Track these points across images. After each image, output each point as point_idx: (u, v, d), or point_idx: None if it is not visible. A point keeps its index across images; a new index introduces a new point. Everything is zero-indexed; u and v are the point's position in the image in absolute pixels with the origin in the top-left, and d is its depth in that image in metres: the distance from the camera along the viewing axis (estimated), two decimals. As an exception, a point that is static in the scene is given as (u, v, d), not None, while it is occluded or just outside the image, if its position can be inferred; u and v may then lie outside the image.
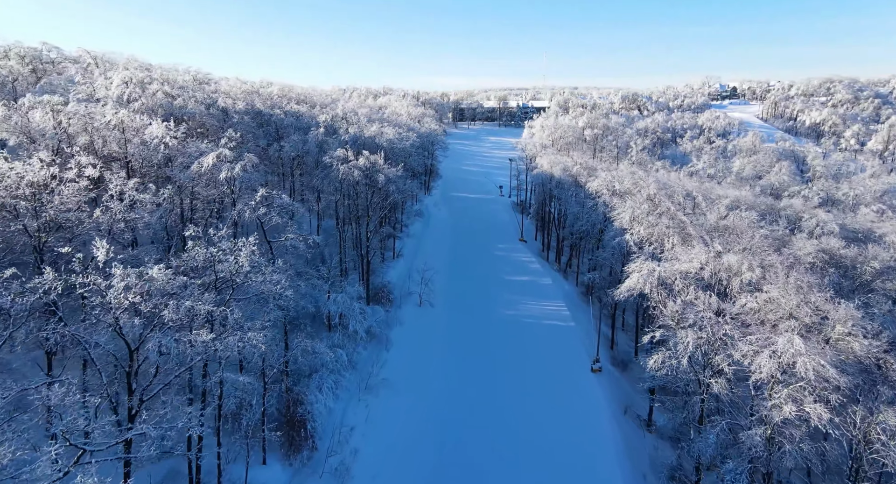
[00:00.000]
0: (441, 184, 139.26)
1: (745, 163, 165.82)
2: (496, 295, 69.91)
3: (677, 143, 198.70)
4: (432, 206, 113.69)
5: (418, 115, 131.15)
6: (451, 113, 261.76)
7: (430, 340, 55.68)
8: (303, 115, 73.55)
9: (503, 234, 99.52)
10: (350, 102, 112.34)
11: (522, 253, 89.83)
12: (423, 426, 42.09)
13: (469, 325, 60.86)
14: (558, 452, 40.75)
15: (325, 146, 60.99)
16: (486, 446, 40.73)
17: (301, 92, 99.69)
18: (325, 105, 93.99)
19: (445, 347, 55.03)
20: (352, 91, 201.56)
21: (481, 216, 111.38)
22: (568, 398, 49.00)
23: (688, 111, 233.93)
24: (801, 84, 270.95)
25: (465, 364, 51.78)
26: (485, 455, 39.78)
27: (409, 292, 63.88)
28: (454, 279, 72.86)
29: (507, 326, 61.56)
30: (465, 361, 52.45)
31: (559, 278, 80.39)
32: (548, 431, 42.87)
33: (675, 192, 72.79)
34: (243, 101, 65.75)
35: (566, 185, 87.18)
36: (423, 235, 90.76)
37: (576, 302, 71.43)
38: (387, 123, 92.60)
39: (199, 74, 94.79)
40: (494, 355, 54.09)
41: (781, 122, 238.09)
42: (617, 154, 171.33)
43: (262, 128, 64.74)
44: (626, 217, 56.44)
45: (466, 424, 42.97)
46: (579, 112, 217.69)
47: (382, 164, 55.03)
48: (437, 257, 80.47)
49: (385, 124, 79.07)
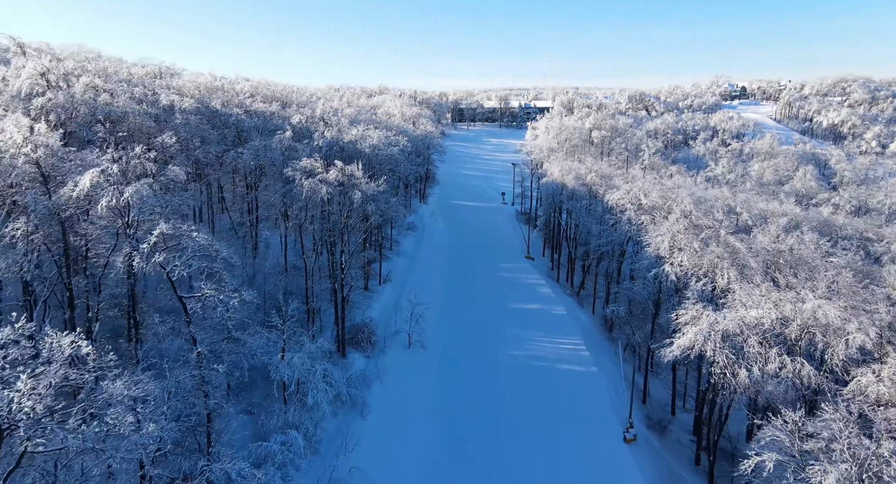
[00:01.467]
0: (438, 190, 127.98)
1: (765, 167, 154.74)
2: (501, 329, 58.68)
3: (689, 145, 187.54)
4: (428, 216, 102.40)
5: (413, 116, 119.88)
6: (449, 113, 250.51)
7: (419, 398, 44.33)
8: (272, 115, 62.32)
9: (507, 250, 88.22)
10: (336, 102, 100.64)
11: (530, 273, 78.56)
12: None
13: (468, 373, 49.58)
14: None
15: (292, 154, 49.95)
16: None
17: (278, 89, 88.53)
18: (304, 104, 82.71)
19: (438, 407, 43.68)
20: (345, 90, 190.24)
21: (483, 228, 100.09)
22: (596, 481, 37.83)
23: (698, 112, 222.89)
24: (815, 84, 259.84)
25: (463, 434, 40.46)
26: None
27: (395, 331, 52.59)
28: (451, 310, 61.60)
29: (515, 373, 50.28)
30: (462, 428, 41.14)
31: (573, 305, 69.10)
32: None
33: (713, 206, 61.60)
34: (194, 98, 54.30)
35: (580, 196, 75.92)
36: (416, 254, 79.42)
37: (595, 338, 60.12)
38: (374, 125, 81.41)
39: (166, 69, 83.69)
40: (499, 419, 42.75)
41: (796, 123, 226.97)
42: (627, 158, 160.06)
43: (218, 130, 53.57)
44: (665, 244, 45.14)
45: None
46: (585, 113, 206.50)
47: (360, 177, 43.90)
48: (432, 281, 69.21)
49: (372, 126, 68.00)
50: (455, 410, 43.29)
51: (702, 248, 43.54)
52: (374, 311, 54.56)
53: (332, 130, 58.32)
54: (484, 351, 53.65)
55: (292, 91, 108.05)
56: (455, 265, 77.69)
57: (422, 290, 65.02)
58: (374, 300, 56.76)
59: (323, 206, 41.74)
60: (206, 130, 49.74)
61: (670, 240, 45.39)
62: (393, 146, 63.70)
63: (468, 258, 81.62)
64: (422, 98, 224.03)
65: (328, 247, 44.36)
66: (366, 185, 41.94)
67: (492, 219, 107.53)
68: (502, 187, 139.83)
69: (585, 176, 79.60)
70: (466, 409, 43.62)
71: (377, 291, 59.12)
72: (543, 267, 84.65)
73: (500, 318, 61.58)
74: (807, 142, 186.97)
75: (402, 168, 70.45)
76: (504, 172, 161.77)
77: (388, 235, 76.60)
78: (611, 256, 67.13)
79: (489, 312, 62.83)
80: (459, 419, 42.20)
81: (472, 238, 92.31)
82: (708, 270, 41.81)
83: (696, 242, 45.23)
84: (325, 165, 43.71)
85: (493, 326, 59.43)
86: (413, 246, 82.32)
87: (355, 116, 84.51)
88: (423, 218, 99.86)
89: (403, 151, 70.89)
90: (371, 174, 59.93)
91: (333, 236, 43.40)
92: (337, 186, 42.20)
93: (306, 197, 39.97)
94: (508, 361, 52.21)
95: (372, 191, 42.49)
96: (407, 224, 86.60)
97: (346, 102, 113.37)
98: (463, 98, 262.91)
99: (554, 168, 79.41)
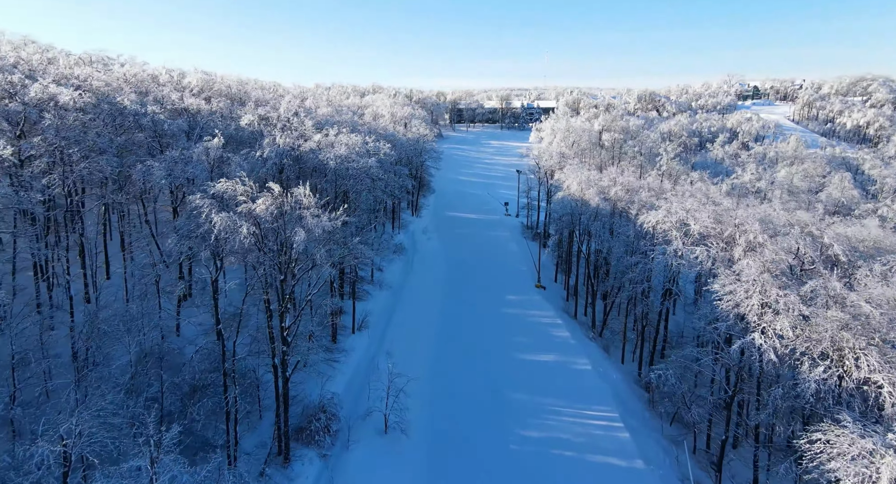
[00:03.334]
0: (433, 201, 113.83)
1: (793, 173, 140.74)
2: (509, 396, 44.68)
3: (707, 148, 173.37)
4: (420, 233, 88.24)
5: (405, 117, 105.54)
6: (448, 114, 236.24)
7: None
8: (214, 114, 48.06)
9: (514, 277, 74.16)
10: (311, 100, 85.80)
11: (542, 309, 64.45)
12: None
13: (466, 470, 35.63)
14: None
15: (225, 168, 35.95)
16: None
17: (250, 86, 73.96)
18: (266, 102, 68.30)
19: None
20: (335, 88, 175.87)
21: (484, 248, 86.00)
22: None
23: (713, 112, 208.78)
24: (833, 83, 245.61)
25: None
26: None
27: (367, 412, 38.43)
28: (445, 370, 47.51)
29: (530, 472, 36.29)
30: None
31: (598, 355, 55.06)
32: None
33: (785, 231, 47.52)
34: (89, 91, 40.14)
35: (603, 215, 61.85)
36: (403, 285, 65.19)
37: (632, 406, 45.94)
38: (355, 128, 67.28)
39: (105, 59, 69.52)
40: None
41: (816, 124, 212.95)
42: (641, 163, 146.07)
43: (126, 134, 39.46)
44: (752, 301, 31.04)
45: None
46: (592, 113, 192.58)
47: (310, 204, 29.88)
48: (422, 325, 55.16)
49: (346, 130, 53.80)
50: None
51: (813, 312, 29.43)
52: (339, 381, 40.36)
53: (289, 136, 44.15)
54: (488, 433, 39.62)
55: (260, 87, 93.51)
56: (451, 300, 63.57)
57: (407, 340, 51.08)
58: (342, 363, 42.57)
59: (246, 252, 27.85)
60: (100, 136, 35.63)
61: (760, 294, 31.23)
62: (370, 156, 49.49)
63: (467, 289, 67.52)
64: (418, 98, 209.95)
65: (265, 305, 30.30)
66: (314, 220, 27.89)
67: (495, 235, 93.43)
68: (505, 196, 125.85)
69: (608, 189, 65.57)
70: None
71: (346, 348, 44.95)
72: (557, 298, 70.57)
73: (508, 377, 47.57)
74: (834, 145, 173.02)
75: (385, 183, 56.25)
76: (506, 178, 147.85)
77: (371, 261, 62.55)
78: (644, 295, 52.98)
79: (493, 367, 48.82)
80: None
81: (473, 261, 78.20)
82: (829, 348, 27.66)
83: (795, 295, 31.14)
84: (258, 188, 29.67)
85: (499, 389, 45.42)
86: (400, 274, 68.12)
87: (331, 117, 70.10)
88: (414, 236, 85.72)
89: (384, 162, 56.60)
90: (341, 195, 45.76)
91: (268, 293, 29.33)
92: (273, 221, 28.20)
93: (218, 236, 26.03)
94: (520, 451, 38.16)
95: (324, 226, 28.44)
96: (394, 245, 72.47)
97: (326, 101, 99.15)
98: (462, 98, 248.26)
99: (570, 180, 65.32)
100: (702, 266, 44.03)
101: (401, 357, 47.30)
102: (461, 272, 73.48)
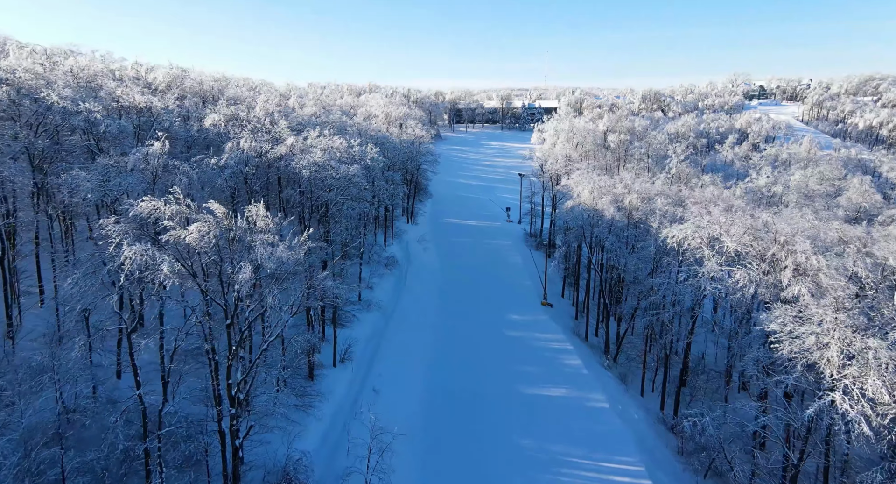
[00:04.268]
0: (430, 206, 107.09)
1: (808, 176, 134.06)
2: (516, 442, 38.06)
3: (716, 149, 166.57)
4: (415, 243, 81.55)
5: (400, 117, 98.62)
6: (446, 114, 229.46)
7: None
8: (167, 112, 41.21)
9: (518, 293, 67.53)
10: (293, 99, 78.28)
11: (549, 331, 57.82)
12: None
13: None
14: None
15: (170, 180, 29.31)
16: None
17: (208, 81, 66.63)
18: (240, 100, 61.24)
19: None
20: (331, 87, 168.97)
21: (485, 259, 79.35)
22: None
23: (720, 112, 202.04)
24: (842, 82, 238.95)
25: None
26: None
27: (346, 472, 31.74)
28: (438, 414, 40.77)
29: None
30: None
31: (616, 389, 48.42)
32: None
33: (837, 249, 40.90)
34: (13, 83, 33.22)
35: (618, 227, 55.24)
36: (395, 305, 58.49)
37: (662, 460, 39.18)
38: (342, 130, 60.48)
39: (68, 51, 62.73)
40: None
41: (826, 125, 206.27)
42: (648, 165, 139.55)
43: (53, 137, 32.62)
44: (832, 352, 24.41)
45: None
46: (596, 114, 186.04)
47: (267, 226, 23.26)
48: (414, 354, 48.44)
49: (328, 132, 47.06)
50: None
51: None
52: (312, 434, 33.54)
53: (258, 140, 37.35)
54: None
55: (240, 85, 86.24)
56: (448, 321, 56.97)
57: (397, 373, 44.45)
58: (318, 409, 35.78)
59: (167, 296, 21.12)
60: (17, 139, 28.97)
61: (839, 342, 24.56)
62: (355, 162, 42.56)
63: (466, 308, 60.91)
64: (416, 97, 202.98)
65: (207, 356, 23.66)
66: (265, 250, 21.15)
67: (496, 245, 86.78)
68: (506, 200, 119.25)
69: (623, 198, 58.93)
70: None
71: (323, 390, 38.16)
72: (565, 317, 63.97)
73: (514, 418, 40.95)
74: (849, 147, 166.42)
75: (373, 192, 49.38)
76: (507, 181, 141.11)
77: (360, 275, 55.87)
78: (668, 323, 46.31)
79: (496, 407, 42.19)
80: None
81: (472, 275, 71.53)
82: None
83: (876, 341, 24.46)
84: (198, 208, 23.01)
85: (504, 435, 38.79)
86: (392, 291, 61.41)
87: (316, 117, 63.14)
88: (409, 246, 78.98)
89: (373, 169, 49.61)
90: (320, 209, 39.08)
91: (210, 341, 22.67)
92: (212, 255, 21.55)
93: (131, 278, 19.35)
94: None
95: (281, 258, 21.77)
96: (385, 259, 65.76)
97: (315, 99, 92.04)
98: (461, 98, 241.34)
99: (582, 188, 58.64)
100: (742, 293, 37.42)
101: (389, 395, 40.80)
102: (460, 288, 66.87)
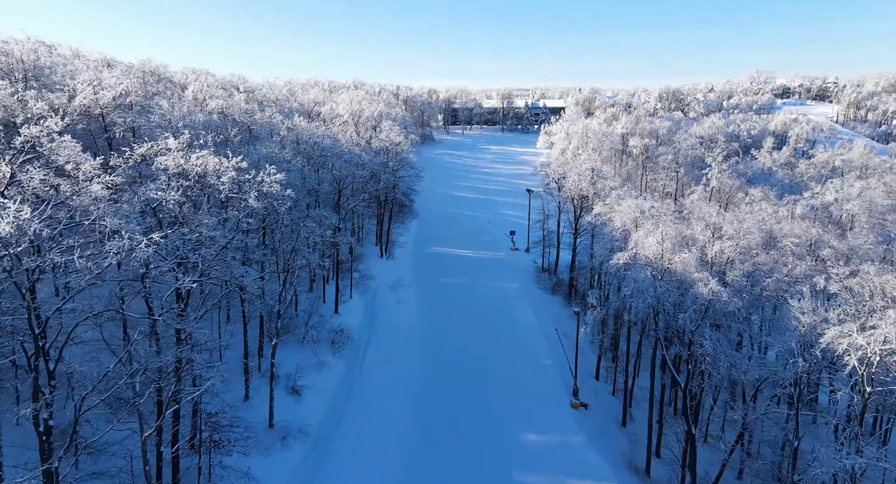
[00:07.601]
0: (415, 229, 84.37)
1: (871, 187, 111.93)
2: None
3: (751, 155, 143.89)
4: (387, 292, 58.56)
5: (374, 118, 75.49)
6: (441, 115, 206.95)
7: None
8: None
9: (534, 379, 44.75)
10: (201, 89, 54.92)
11: (589, 463, 35.03)
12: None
13: None
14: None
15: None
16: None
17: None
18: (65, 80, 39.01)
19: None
20: (302, 83, 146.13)
21: (484, 314, 56.46)
22: None
23: (749, 112, 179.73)
24: (876, 79, 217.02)
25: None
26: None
27: None
28: None
29: None
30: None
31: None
32: None
33: None
34: None
35: (721, 310, 32.32)
36: (335, 426, 35.50)
37: None
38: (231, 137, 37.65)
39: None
40: None
41: (867, 127, 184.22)
42: (678, 176, 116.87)
43: None
44: None
45: None
46: (610, 114, 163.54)
47: None
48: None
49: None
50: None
51: None
52: None
53: None
54: None
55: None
56: (424, 451, 34.12)
57: None
58: None
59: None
60: None
61: None
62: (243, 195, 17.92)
63: (456, 419, 38.04)
64: (406, 95, 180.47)
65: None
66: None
67: (500, 290, 63.78)
68: (508, 218, 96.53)
69: (707, 249, 36.14)
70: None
71: None
72: (610, 427, 41.14)
73: None
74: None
75: (275, 246, 26.88)
76: (510, 193, 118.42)
77: (269, 373, 33.00)
78: None
79: None
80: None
81: (466, 346, 48.68)
82: None
83: None
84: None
85: None
86: (334, 395, 38.33)
87: (208, 122, 39.49)
88: (377, 299, 55.88)
89: (274, 207, 26.68)
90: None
91: None
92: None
93: None
94: None
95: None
96: (331, 333, 42.94)
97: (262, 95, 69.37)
98: (457, 96, 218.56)
99: (647, 238, 35.66)
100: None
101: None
102: (447, 373, 44.18)
